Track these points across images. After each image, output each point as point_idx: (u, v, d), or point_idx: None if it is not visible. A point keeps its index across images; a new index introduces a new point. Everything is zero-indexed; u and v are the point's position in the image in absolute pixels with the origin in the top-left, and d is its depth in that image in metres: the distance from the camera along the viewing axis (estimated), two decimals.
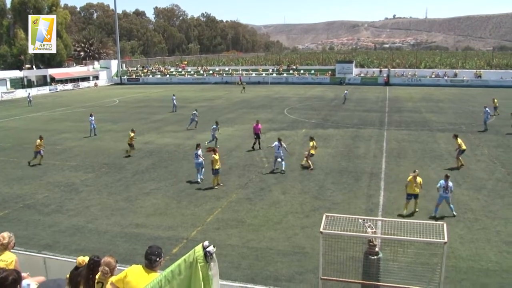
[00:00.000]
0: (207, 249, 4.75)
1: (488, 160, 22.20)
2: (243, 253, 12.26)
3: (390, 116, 37.02)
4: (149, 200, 16.83)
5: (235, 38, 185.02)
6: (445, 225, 8.63)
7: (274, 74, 78.72)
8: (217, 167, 17.82)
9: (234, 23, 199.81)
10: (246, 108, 42.87)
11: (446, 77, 70.53)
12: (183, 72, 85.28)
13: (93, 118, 30.65)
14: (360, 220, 9.18)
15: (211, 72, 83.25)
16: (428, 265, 9.43)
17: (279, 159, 20.30)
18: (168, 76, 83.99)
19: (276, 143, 20.51)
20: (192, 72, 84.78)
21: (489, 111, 31.47)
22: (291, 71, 79.15)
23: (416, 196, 15.16)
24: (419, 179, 15.20)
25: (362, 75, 74.75)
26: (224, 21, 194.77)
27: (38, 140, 22.75)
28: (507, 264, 11.46)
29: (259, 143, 25.15)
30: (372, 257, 9.20)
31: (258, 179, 19.17)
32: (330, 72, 75.77)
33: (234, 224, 14.32)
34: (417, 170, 15.90)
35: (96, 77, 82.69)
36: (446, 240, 8.25)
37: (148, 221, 14.67)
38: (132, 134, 24.30)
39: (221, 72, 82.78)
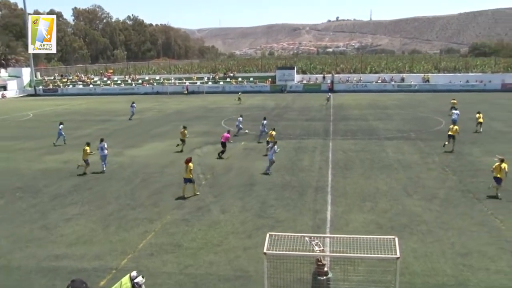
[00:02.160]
0: (135, 281, 4.56)
1: (440, 168, 23.30)
2: (181, 281, 11.99)
3: (335, 125, 38.04)
4: (71, 227, 16.09)
5: (166, 44, 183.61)
6: (396, 239, 8.87)
7: (210, 83, 78.74)
8: (190, 176, 18.83)
9: (165, 27, 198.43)
10: (179, 120, 42.48)
11: (393, 82, 73.87)
12: (108, 82, 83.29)
13: (61, 126, 31.76)
14: (306, 238, 9.24)
15: (140, 81, 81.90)
16: (381, 283, 9.63)
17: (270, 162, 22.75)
18: (91, 86, 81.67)
19: (270, 145, 23.59)
20: (119, 82, 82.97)
21: (458, 112, 34.62)
22: (228, 79, 79.54)
23: (499, 180, 17.96)
24: (504, 165, 18.09)
25: (305, 81, 76.56)
26: (154, 24, 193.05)
27: (87, 147, 23.37)
28: (463, 278, 11.97)
29: (222, 152, 26.55)
30: (321, 278, 9.26)
31: (195, 198, 18.93)
32: (270, 79, 76.98)
33: (169, 248, 14.00)
34: (498, 156, 18.74)
35: (4, 87, 78.70)
36: (398, 255, 8.47)
37: (70, 251, 14.00)
38: (186, 131, 28.78)
39: (151, 81, 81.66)
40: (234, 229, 15.49)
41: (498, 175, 18.11)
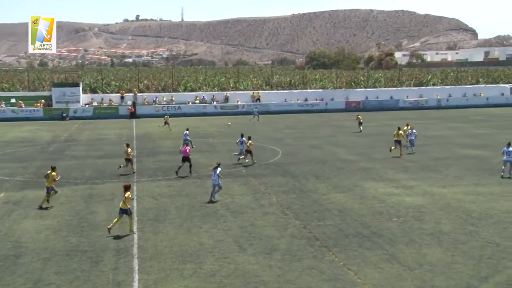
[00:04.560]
0: None
1: (278, 211, 24.62)
2: None
3: (141, 161, 38.02)
4: None
5: None
6: None
7: None
8: (126, 206, 21.59)
9: None
10: None
11: (215, 103, 77.07)
12: None
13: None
14: None
15: None
16: None
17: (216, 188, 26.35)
18: None
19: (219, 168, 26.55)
20: None
21: (415, 132, 41.08)
22: None
23: None
24: None
25: (95, 103, 75.74)
26: None
27: (53, 173, 25.96)
28: None
29: (190, 167, 33.19)
30: None
31: None
32: (43, 101, 74.37)
33: None
34: None
35: None
36: None
37: None
38: (129, 149, 33.79)
39: None
40: None
41: None
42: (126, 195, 21.63)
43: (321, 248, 19.48)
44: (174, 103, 76.30)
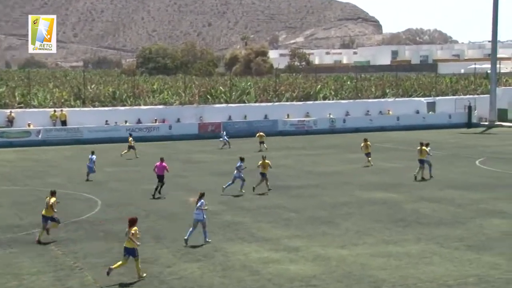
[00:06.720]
0: None
1: None
2: None
3: None
4: None
5: None
6: None
7: None
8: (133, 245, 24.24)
9: None
10: None
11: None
12: None
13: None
14: None
15: None
16: None
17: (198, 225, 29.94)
18: None
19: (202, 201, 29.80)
20: None
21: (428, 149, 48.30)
22: None
23: None
24: None
25: None
26: None
27: (53, 199, 30.84)
28: None
29: (160, 187, 41.11)
30: None
31: None
32: None
33: None
34: None
35: None
36: None
37: None
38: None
39: None
40: None
41: None
42: (132, 231, 24.48)
43: None
44: None
